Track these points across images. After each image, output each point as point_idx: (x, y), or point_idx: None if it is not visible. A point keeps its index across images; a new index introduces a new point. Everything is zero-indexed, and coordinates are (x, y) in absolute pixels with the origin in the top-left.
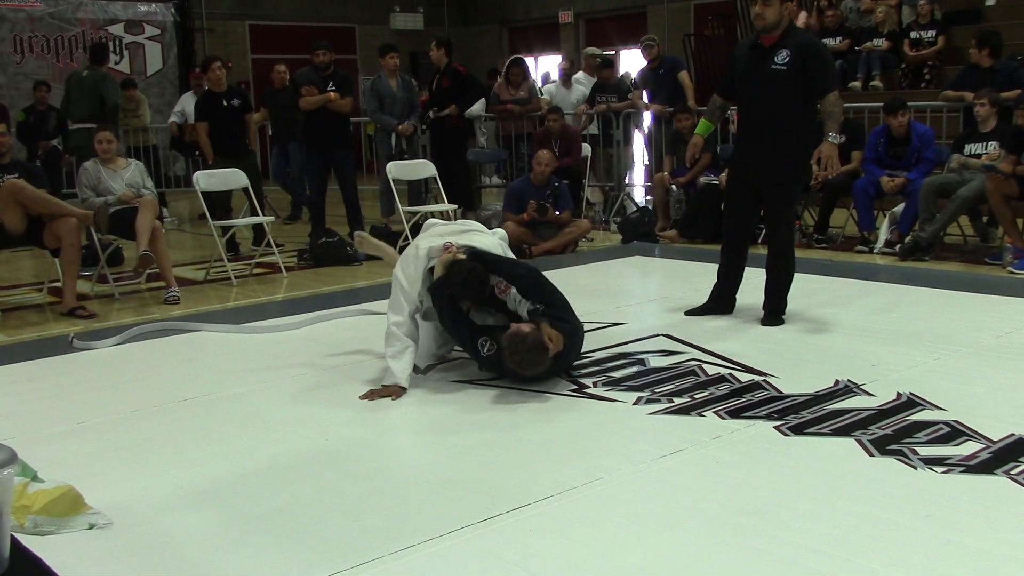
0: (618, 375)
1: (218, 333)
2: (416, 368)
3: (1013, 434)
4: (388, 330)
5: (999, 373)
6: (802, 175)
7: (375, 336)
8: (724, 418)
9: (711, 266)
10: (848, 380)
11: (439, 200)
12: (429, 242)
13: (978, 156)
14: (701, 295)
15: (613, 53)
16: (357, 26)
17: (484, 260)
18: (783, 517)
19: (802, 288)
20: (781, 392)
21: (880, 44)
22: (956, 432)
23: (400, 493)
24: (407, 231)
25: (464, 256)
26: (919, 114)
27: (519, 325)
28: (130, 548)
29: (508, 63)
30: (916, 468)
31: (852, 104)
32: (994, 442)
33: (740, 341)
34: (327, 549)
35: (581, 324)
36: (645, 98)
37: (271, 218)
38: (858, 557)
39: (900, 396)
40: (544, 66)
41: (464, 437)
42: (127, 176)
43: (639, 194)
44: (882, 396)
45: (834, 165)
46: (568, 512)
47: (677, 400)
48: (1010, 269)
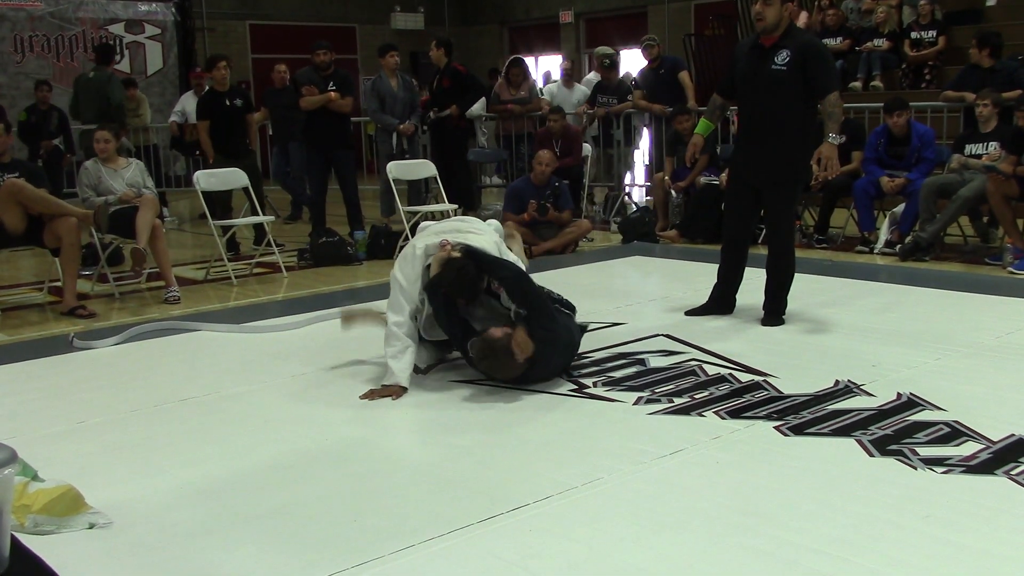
0: (618, 375)
1: (218, 333)
2: (416, 368)
3: (1013, 434)
4: (388, 330)
5: (999, 373)
6: (802, 175)
7: (375, 336)
8: (724, 418)
9: (711, 266)
10: (848, 380)
11: (439, 200)
12: (426, 240)
13: (978, 156)
14: (701, 295)
15: (615, 53)
16: (357, 26)
17: (477, 259)
18: (783, 517)
19: (802, 288)
20: (781, 392)
21: (881, 44)
22: (956, 432)
23: (400, 493)
24: (407, 231)
25: (459, 254)
26: (919, 114)
27: (492, 330)
28: (130, 548)
29: (508, 63)
30: (916, 468)
31: (852, 104)
32: (994, 442)
33: (740, 341)
34: (327, 549)
35: (573, 328)
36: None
37: (271, 218)
38: (858, 557)
39: (900, 396)
40: (544, 66)
41: (464, 437)
42: (128, 175)
43: (639, 194)
44: (882, 396)
45: (834, 166)
46: (568, 512)
47: (677, 400)
48: (1010, 269)
